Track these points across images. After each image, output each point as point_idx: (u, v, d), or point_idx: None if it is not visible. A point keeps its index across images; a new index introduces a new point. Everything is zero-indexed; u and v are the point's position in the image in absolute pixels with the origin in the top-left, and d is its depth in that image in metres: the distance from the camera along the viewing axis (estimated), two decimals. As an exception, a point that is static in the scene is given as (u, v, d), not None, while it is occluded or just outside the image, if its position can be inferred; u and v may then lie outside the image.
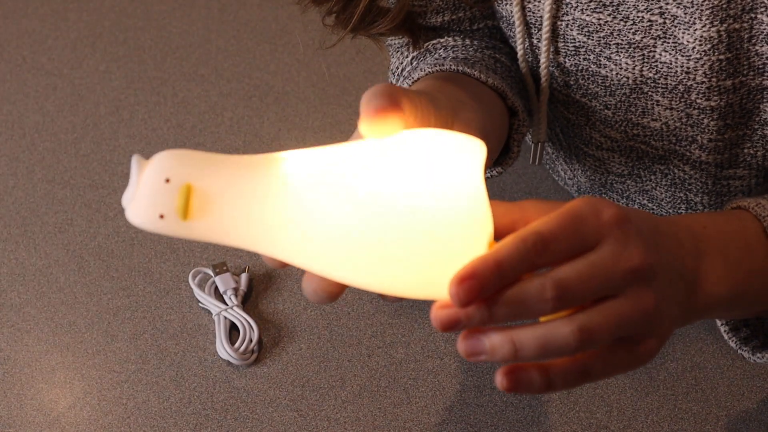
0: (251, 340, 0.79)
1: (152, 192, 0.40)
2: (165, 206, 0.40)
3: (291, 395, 0.77)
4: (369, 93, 0.43)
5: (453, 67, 0.63)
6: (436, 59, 0.67)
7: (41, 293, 0.85)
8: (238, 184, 0.41)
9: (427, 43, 0.72)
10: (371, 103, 0.42)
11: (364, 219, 0.41)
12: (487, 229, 0.45)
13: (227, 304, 0.81)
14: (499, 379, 0.43)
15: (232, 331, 0.81)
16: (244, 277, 0.84)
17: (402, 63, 0.74)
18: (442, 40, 0.71)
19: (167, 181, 0.40)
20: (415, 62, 0.72)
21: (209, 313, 0.82)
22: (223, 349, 0.78)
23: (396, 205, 0.41)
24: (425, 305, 0.82)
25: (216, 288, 0.83)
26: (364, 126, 0.42)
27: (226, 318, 0.80)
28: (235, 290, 0.82)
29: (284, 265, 0.43)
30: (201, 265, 0.86)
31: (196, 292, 0.83)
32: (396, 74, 0.76)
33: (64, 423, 0.75)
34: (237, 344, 0.78)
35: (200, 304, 0.83)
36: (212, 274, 0.83)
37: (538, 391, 0.43)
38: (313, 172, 0.41)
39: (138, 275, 0.86)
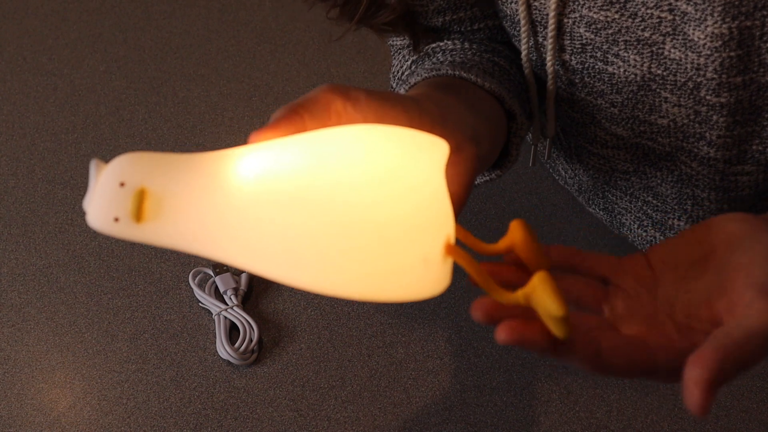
0: (251, 340, 0.79)
1: (107, 196, 0.40)
2: (119, 210, 0.40)
3: (291, 395, 0.77)
4: (276, 110, 0.45)
5: (450, 71, 0.63)
6: (434, 63, 0.68)
7: (41, 293, 0.85)
8: (191, 188, 0.41)
9: (426, 47, 0.72)
10: (271, 119, 0.44)
11: (317, 222, 0.41)
12: (445, 229, 0.44)
13: (227, 304, 0.81)
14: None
15: (232, 331, 0.81)
16: (244, 276, 0.84)
17: (402, 66, 0.75)
18: (441, 44, 0.71)
19: (122, 185, 0.40)
20: (414, 66, 0.72)
21: (209, 313, 0.82)
22: (223, 349, 0.78)
23: (348, 204, 0.41)
24: (425, 305, 0.82)
25: (216, 288, 0.83)
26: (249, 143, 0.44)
27: (226, 318, 0.80)
28: (235, 290, 0.82)
29: None
30: (201, 264, 0.86)
31: (196, 292, 0.83)
32: (396, 77, 0.76)
33: (64, 423, 0.75)
34: (237, 344, 0.78)
35: (200, 304, 0.83)
36: (212, 273, 0.83)
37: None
38: (265, 173, 0.41)
39: (138, 275, 0.86)
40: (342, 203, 0.41)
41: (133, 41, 1.15)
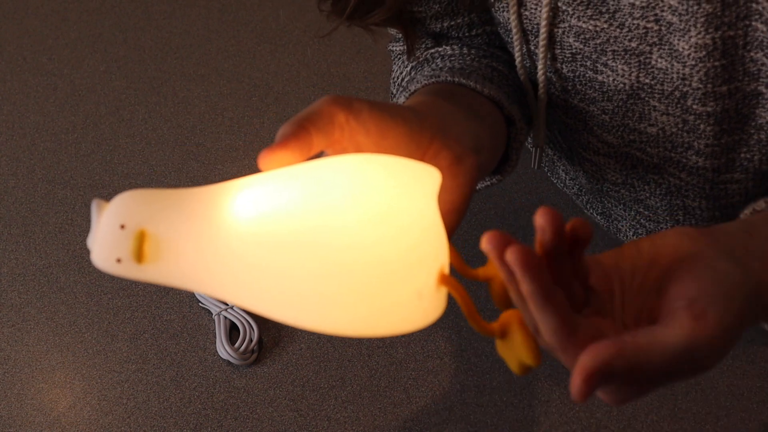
0: (251, 340, 0.79)
1: (109, 238, 0.42)
2: (121, 252, 0.41)
3: (291, 395, 0.77)
4: (283, 126, 0.45)
5: (449, 78, 0.63)
6: (433, 70, 0.68)
7: (41, 293, 0.85)
8: (189, 229, 0.42)
9: (426, 52, 0.72)
10: (277, 137, 0.44)
11: (315, 264, 0.41)
12: (440, 260, 0.45)
13: (227, 304, 0.81)
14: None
15: (232, 331, 0.81)
16: (244, 277, 0.84)
17: (402, 72, 0.75)
18: (440, 49, 0.71)
19: (122, 227, 0.41)
20: (413, 72, 0.72)
21: (209, 312, 0.82)
22: (223, 349, 0.78)
23: (344, 246, 0.42)
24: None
25: (216, 288, 0.83)
26: (260, 163, 0.44)
27: (226, 318, 0.80)
28: (235, 290, 0.82)
29: None
30: (201, 265, 0.86)
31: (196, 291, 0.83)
32: (396, 83, 0.76)
33: (64, 423, 0.75)
34: (237, 344, 0.78)
35: (200, 304, 0.83)
36: (212, 274, 0.83)
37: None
38: (262, 214, 0.42)
39: (138, 275, 0.86)
40: (338, 245, 0.42)
41: (133, 41, 1.15)
